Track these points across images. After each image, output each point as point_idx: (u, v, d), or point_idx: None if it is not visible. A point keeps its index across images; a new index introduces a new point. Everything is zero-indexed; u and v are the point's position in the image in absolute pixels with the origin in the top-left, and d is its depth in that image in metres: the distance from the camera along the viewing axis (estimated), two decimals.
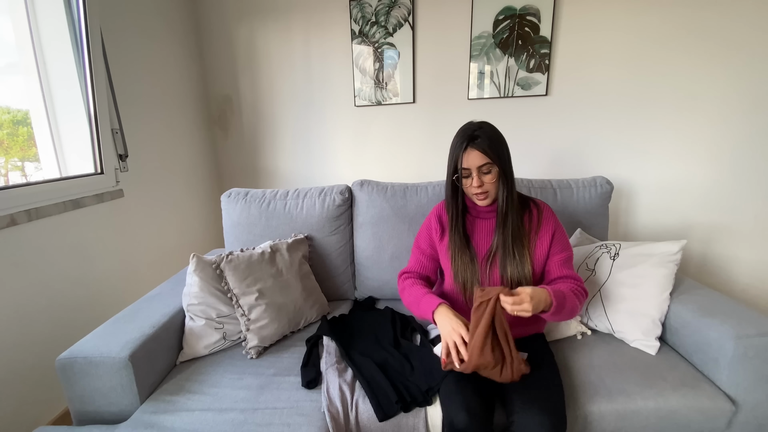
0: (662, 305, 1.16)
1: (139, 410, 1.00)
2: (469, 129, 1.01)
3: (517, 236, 1.05)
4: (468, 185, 1.03)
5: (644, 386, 1.00)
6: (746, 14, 1.66)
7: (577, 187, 1.47)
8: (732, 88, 1.74)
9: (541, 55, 1.89)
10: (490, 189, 1.02)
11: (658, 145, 1.90)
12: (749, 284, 1.90)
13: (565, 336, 1.22)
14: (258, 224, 1.50)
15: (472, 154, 0.99)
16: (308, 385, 1.04)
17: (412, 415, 0.95)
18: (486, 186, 1.01)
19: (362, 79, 2.11)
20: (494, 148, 0.99)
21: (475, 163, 0.99)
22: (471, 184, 1.02)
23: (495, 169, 1.00)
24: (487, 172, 1.00)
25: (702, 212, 1.91)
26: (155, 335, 1.09)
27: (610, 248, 1.26)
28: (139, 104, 1.82)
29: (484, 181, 1.01)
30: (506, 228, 1.04)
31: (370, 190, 1.50)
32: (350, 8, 2.02)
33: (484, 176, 1.01)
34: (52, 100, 1.53)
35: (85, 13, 1.47)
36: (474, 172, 1.00)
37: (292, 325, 1.30)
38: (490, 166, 0.99)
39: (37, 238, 1.34)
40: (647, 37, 1.79)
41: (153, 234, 1.91)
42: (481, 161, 0.99)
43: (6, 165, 1.47)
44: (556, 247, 1.07)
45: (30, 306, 1.31)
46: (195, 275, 1.19)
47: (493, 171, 1.00)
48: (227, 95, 2.31)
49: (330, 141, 2.28)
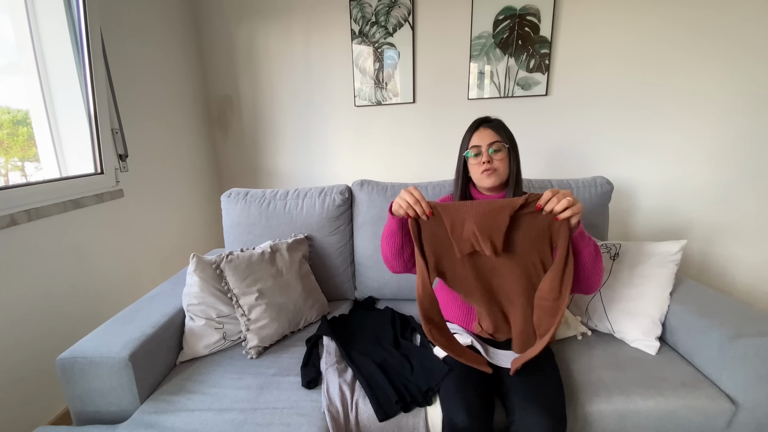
0: (662, 305, 1.16)
1: (139, 410, 1.00)
2: (481, 118, 1.10)
3: None
4: (477, 162, 1.06)
5: (644, 386, 1.00)
6: (746, 13, 1.66)
7: (577, 187, 1.47)
8: (732, 87, 1.74)
9: (541, 55, 1.89)
10: (498, 167, 1.05)
11: (658, 145, 1.90)
12: (749, 284, 1.90)
13: (565, 336, 1.22)
14: (258, 224, 1.50)
15: (484, 132, 1.05)
16: (308, 385, 1.04)
17: (412, 415, 0.95)
18: (495, 163, 1.04)
19: (362, 79, 2.11)
20: (505, 131, 1.06)
21: (486, 140, 1.04)
22: (480, 161, 1.05)
23: (505, 150, 1.04)
24: (498, 150, 1.04)
25: (702, 212, 1.91)
26: (155, 335, 1.09)
27: (610, 248, 1.26)
28: (139, 104, 1.82)
29: (493, 158, 1.04)
30: None
31: (370, 190, 1.50)
32: (350, 8, 2.02)
33: (494, 154, 1.04)
34: (52, 100, 1.52)
35: (85, 13, 1.46)
36: (484, 148, 1.04)
37: (292, 325, 1.30)
38: (500, 144, 1.04)
39: (37, 238, 1.34)
40: (647, 37, 1.79)
41: (153, 234, 1.91)
42: (491, 139, 1.04)
43: (6, 165, 1.47)
44: None
45: (30, 306, 1.31)
46: (195, 275, 1.19)
47: (503, 150, 1.04)
48: (227, 95, 2.31)
49: (330, 141, 2.28)
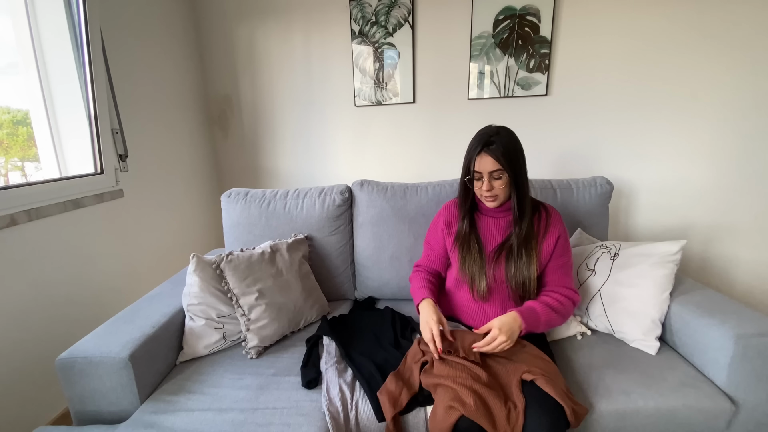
0: (662, 305, 1.15)
1: (139, 410, 1.00)
2: (486, 134, 1.03)
3: (527, 239, 1.08)
4: (478, 187, 1.07)
5: (644, 386, 1.00)
6: (746, 15, 1.65)
7: (577, 187, 1.47)
8: (732, 88, 1.74)
9: (541, 55, 1.89)
10: (499, 193, 1.05)
11: (658, 145, 1.89)
12: (749, 284, 1.90)
13: (565, 336, 1.22)
14: (258, 224, 1.50)
15: (485, 159, 1.02)
16: (308, 385, 1.04)
17: (412, 415, 0.95)
18: (495, 190, 1.05)
19: (362, 79, 2.11)
20: (507, 155, 1.01)
21: (487, 168, 1.02)
22: (481, 187, 1.05)
23: (505, 175, 1.03)
24: (498, 177, 1.03)
25: (702, 212, 1.90)
26: (155, 335, 1.09)
27: (610, 248, 1.26)
28: (139, 104, 1.82)
29: (494, 185, 1.04)
30: (520, 231, 1.08)
31: (370, 190, 1.50)
32: (350, 8, 2.02)
33: (495, 181, 1.04)
34: (52, 100, 1.52)
35: (85, 13, 1.46)
36: (485, 176, 1.03)
37: (292, 325, 1.30)
38: (500, 172, 1.02)
39: (37, 238, 1.34)
40: (647, 37, 1.78)
41: (153, 234, 1.91)
42: (492, 167, 1.02)
43: (6, 165, 1.47)
44: (557, 251, 1.11)
45: (30, 306, 1.31)
46: (195, 275, 1.19)
47: (503, 177, 1.03)
48: (227, 95, 2.31)
49: (330, 141, 2.28)
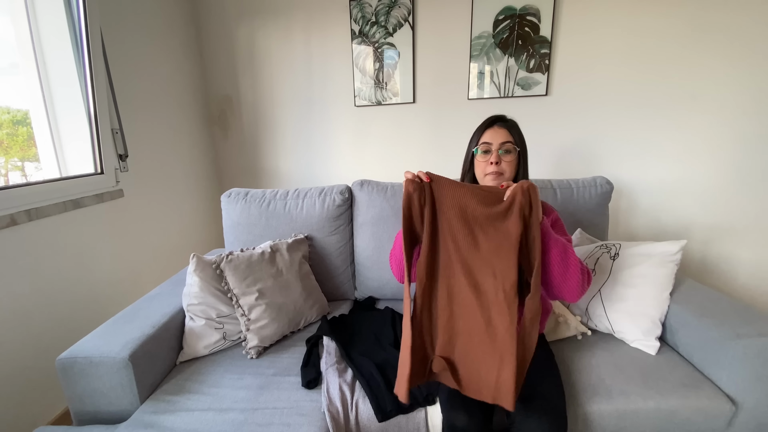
0: (662, 305, 1.16)
1: (139, 410, 1.00)
2: (498, 114, 1.07)
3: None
4: (485, 161, 1.03)
5: (644, 386, 1.00)
6: (747, 13, 1.65)
7: (577, 187, 1.47)
8: (733, 88, 1.74)
9: (541, 55, 1.89)
10: (506, 170, 1.02)
11: (658, 145, 1.89)
12: (749, 284, 1.90)
13: (565, 336, 1.22)
14: (258, 224, 1.50)
15: (498, 131, 1.02)
16: (308, 385, 1.04)
17: (413, 415, 0.95)
18: (503, 165, 1.01)
19: (362, 79, 2.11)
20: (518, 135, 1.04)
21: (498, 140, 1.01)
22: (488, 160, 1.02)
23: (515, 153, 1.02)
24: (508, 151, 1.01)
25: (702, 212, 1.91)
26: (155, 335, 1.09)
27: (610, 248, 1.26)
28: (139, 104, 1.81)
29: (501, 159, 1.01)
30: None
31: (370, 190, 1.50)
32: (350, 8, 2.02)
33: (504, 155, 1.01)
34: (52, 100, 1.52)
35: (85, 13, 1.46)
36: (494, 147, 1.01)
37: (292, 325, 1.30)
38: (511, 146, 1.02)
39: (37, 238, 1.34)
40: (648, 37, 1.78)
41: (153, 234, 1.91)
42: (504, 138, 1.02)
43: (6, 165, 1.46)
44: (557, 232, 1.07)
45: (30, 306, 1.31)
46: (195, 275, 1.19)
47: (513, 153, 1.02)
48: (227, 95, 2.31)
49: (330, 141, 2.28)
